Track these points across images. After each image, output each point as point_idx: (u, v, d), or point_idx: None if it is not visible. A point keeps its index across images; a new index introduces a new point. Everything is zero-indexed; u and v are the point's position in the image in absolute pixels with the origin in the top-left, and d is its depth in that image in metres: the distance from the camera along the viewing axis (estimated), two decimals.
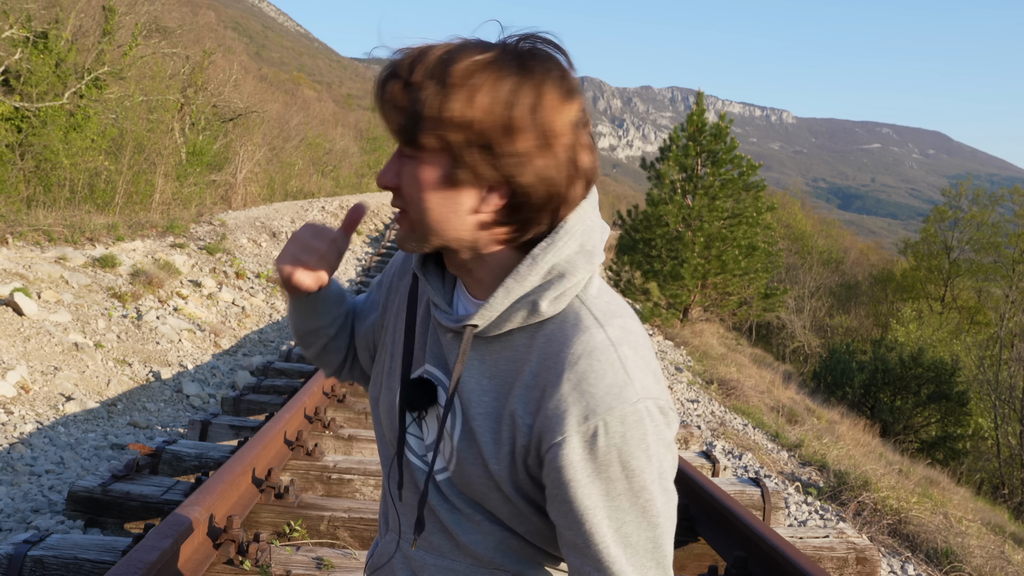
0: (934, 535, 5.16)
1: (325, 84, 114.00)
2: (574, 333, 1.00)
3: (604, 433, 0.96)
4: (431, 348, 1.14)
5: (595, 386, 0.96)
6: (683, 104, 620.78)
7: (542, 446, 0.99)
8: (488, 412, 1.05)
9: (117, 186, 17.42)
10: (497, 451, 1.04)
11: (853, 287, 43.74)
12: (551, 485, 1.00)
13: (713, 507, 3.28)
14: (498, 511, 1.09)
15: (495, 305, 1.02)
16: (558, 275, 1.02)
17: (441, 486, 1.13)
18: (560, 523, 1.01)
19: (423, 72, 0.94)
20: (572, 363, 0.98)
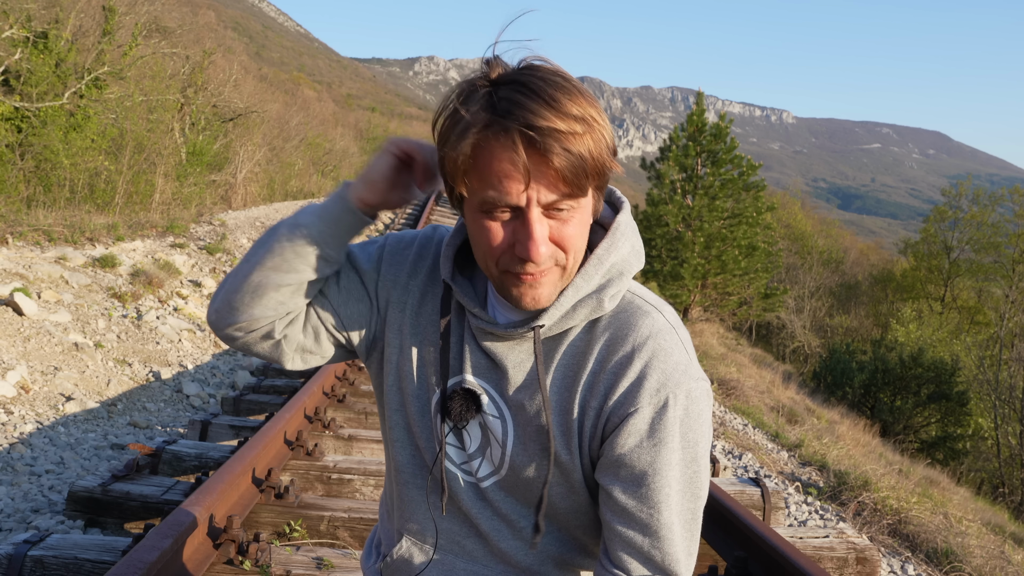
0: (934, 535, 5.16)
1: (325, 84, 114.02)
2: (638, 317, 1.09)
3: (673, 404, 1.05)
4: (471, 358, 1.15)
5: (665, 362, 1.06)
6: (683, 104, 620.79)
7: (611, 421, 1.07)
8: (556, 407, 1.10)
9: (117, 186, 17.42)
10: (567, 442, 1.10)
11: (853, 287, 43.73)
12: (612, 452, 1.07)
13: (713, 507, 3.27)
14: (558, 506, 1.14)
15: (563, 304, 1.07)
16: (617, 273, 1.10)
17: (486, 492, 1.16)
18: (614, 488, 1.07)
19: (573, 132, 0.97)
20: (642, 343, 1.07)
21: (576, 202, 1.01)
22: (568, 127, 0.96)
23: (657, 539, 1.06)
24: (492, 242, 1.03)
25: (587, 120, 0.98)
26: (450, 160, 1.01)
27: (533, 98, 0.96)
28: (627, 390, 1.05)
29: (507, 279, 1.05)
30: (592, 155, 0.99)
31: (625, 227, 1.11)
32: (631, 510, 1.06)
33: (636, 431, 1.05)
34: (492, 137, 0.97)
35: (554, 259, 1.03)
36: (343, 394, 5.22)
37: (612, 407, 1.06)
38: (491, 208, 1.01)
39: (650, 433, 1.04)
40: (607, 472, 1.08)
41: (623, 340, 1.07)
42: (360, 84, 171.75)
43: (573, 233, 1.03)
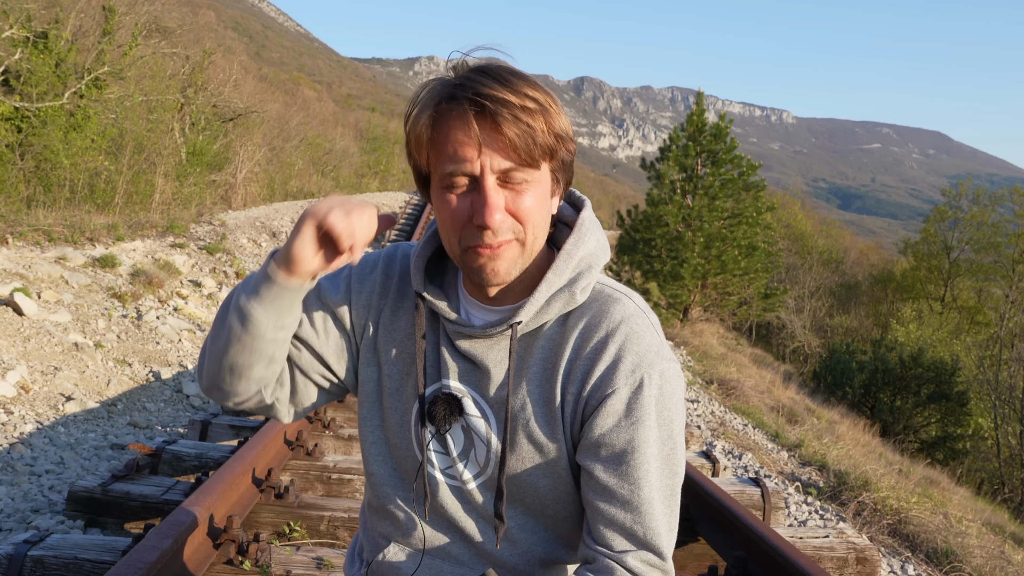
0: (934, 535, 5.16)
1: (325, 84, 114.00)
2: (610, 304, 1.14)
3: (648, 384, 1.09)
4: (446, 364, 1.18)
5: (639, 344, 1.11)
6: (683, 104, 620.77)
7: (590, 404, 1.11)
8: (537, 399, 1.14)
9: (117, 186, 17.42)
10: (552, 432, 1.14)
11: (853, 287, 43.72)
12: (591, 433, 1.11)
13: (713, 507, 3.27)
14: (546, 498, 1.17)
15: (538, 299, 1.11)
16: (586, 266, 1.14)
17: (471, 494, 1.19)
18: (595, 467, 1.11)
19: (524, 106, 1.03)
20: (615, 328, 1.12)
21: (529, 174, 1.06)
22: (519, 101, 1.02)
23: (639, 514, 1.09)
24: (453, 216, 1.07)
25: (540, 101, 1.04)
26: (414, 139, 1.09)
27: (486, 76, 1.04)
28: (604, 373, 1.10)
29: (468, 256, 1.09)
30: (543, 130, 1.04)
31: (589, 223, 1.17)
32: (612, 487, 1.10)
33: (614, 411, 1.09)
34: (446, 110, 1.05)
35: (512, 232, 1.07)
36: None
37: (591, 390, 1.11)
38: (450, 181, 1.06)
39: (627, 412, 1.09)
40: (588, 452, 1.12)
41: (597, 326, 1.12)
42: (360, 84, 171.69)
43: (529, 206, 1.07)
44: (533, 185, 1.07)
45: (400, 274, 1.25)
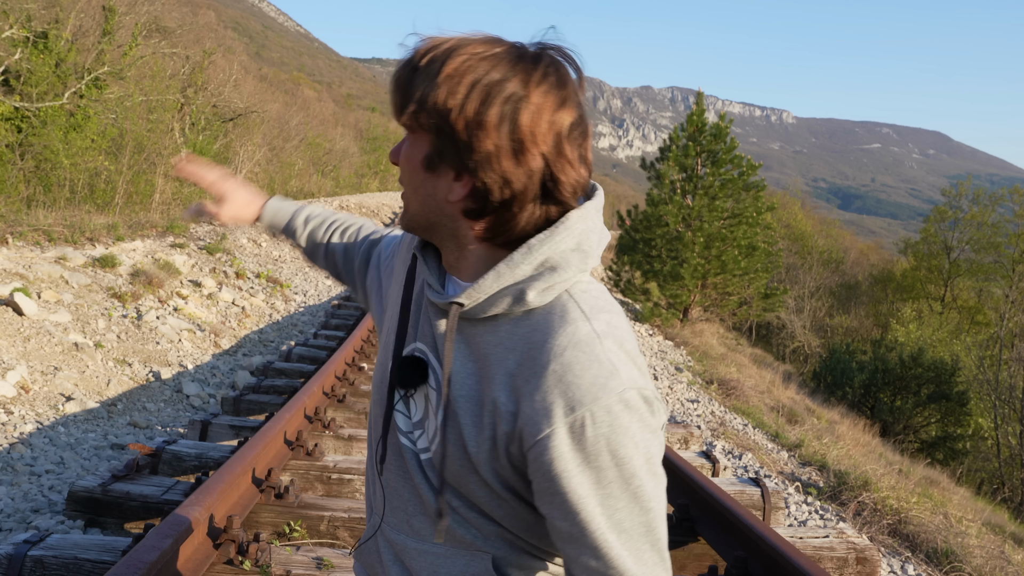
0: (934, 535, 5.16)
1: (325, 84, 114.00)
2: (560, 324, 1.00)
3: (592, 423, 0.96)
4: (422, 327, 1.14)
5: (580, 377, 0.97)
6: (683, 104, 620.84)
7: (527, 440, 0.99)
8: (470, 395, 1.04)
9: (117, 186, 17.43)
10: (477, 435, 1.03)
11: (853, 287, 43.73)
12: (541, 478, 1.00)
13: (713, 507, 3.27)
14: (475, 496, 1.08)
15: (484, 287, 1.02)
16: (550, 268, 1.02)
17: (424, 466, 1.12)
18: (553, 515, 1.01)
19: (428, 59, 1.00)
20: (558, 354, 0.98)
21: (408, 130, 1.05)
22: (419, 57, 1.02)
23: (607, 560, 0.99)
24: None
25: (447, 68, 0.99)
26: None
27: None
28: (539, 406, 0.98)
29: None
30: (419, 92, 1.00)
31: (575, 222, 1.03)
32: (576, 536, 1.00)
33: (559, 455, 0.97)
34: None
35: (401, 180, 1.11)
36: (343, 394, 5.22)
37: (525, 419, 0.99)
38: None
39: (574, 456, 0.97)
40: (543, 500, 1.02)
41: (541, 347, 1.00)
42: (360, 84, 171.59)
43: (402, 161, 1.07)
44: (410, 145, 1.07)
45: (410, 239, 1.26)
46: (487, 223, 1.04)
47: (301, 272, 13.55)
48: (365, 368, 6.39)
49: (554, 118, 0.99)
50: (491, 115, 0.97)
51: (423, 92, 0.99)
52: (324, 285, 12.99)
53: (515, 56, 1.00)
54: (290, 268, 13.59)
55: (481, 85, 0.97)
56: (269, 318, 10.10)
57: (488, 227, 1.04)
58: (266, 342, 8.95)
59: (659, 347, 13.68)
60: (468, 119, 0.97)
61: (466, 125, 0.98)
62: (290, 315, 10.50)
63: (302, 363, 6.95)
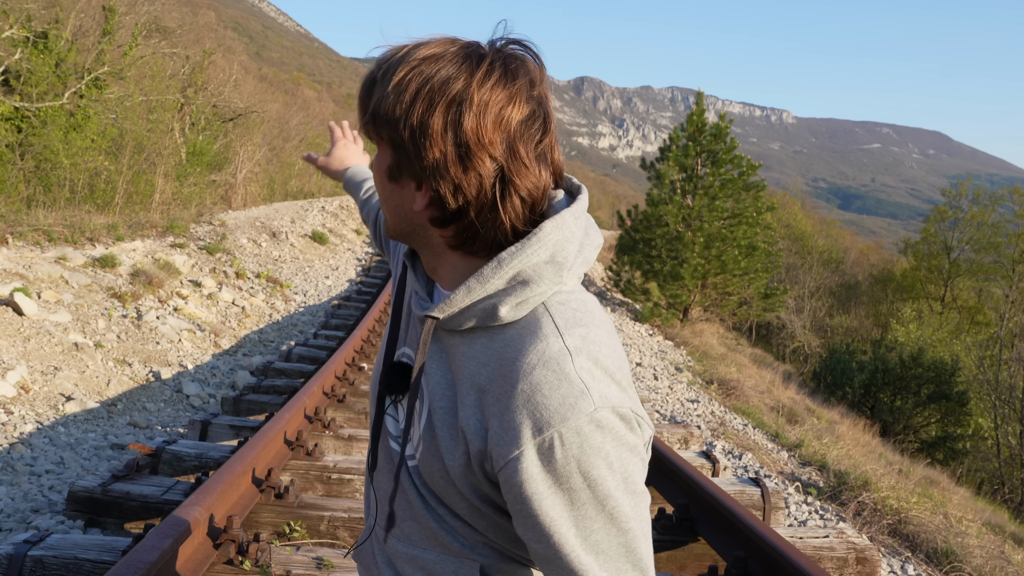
0: (934, 535, 5.16)
1: (325, 84, 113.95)
2: (531, 341, 0.96)
3: (560, 445, 0.92)
4: (411, 332, 1.15)
5: (548, 397, 0.93)
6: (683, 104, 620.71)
7: (496, 460, 0.96)
8: (448, 407, 1.02)
9: (117, 186, 17.43)
10: (454, 448, 1.01)
11: (853, 287, 43.73)
12: (512, 500, 0.97)
13: (713, 507, 3.27)
14: (456, 507, 1.05)
15: (455, 302, 0.99)
16: (521, 282, 0.98)
17: (412, 473, 1.09)
18: (528, 537, 0.98)
19: (384, 68, 1.00)
20: (526, 373, 0.94)
21: (374, 142, 1.04)
22: (384, 69, 1.00)
23: None
24: None
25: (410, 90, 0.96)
26: None
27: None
28: (507, 427, 0.94)
29: None
30: (385, 106, 0.98)
31: (548, 232, 0.97)
32: (551, 558, 0.96)
33: (529, 476, 0.94)
34: None
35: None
36: (343, 394, 5.22)
37: (494, 441, 0.96)
38: None
39: (544, 478, 0.94)
40: (517, 522, 0.98)
41: (511, 364, 0.96)
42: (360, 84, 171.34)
43: (373, 173, 1.07)
44: (378, 156, 1.06)
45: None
46: (453, 231, 1.00)
47: (301, 272, 13.55)
48: (365, 368, 6.39)
49: (501, 116, 0.94)
50: (435, 122, 0.94)
51: (376, 103, 0.98)
52: (324, 285, 12.99)
53: (463, 56, 0.96)
54: (290, 268, 13.58)
55: (425, 91, 0.94)
56: (269, 318, 10.10)
57: (455, 235, 1.01)
58: (266, 342, 8.95)
59: (659, 347, 13.68)
60: (414, 128, 0.95)
61: (412, 134, 0.95)
62: (290, 315, 10.50)
63: (302, 363, 6.95)
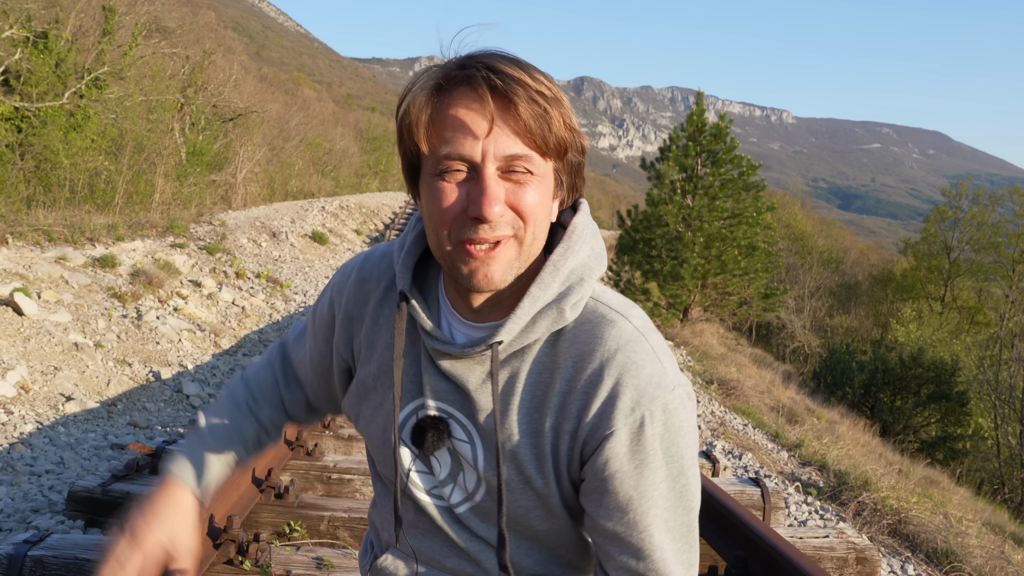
0: (934, 535, 5.16)
1: (325, 84, 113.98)
2: (604, 328, 1.01)
3: (650, 422, 0.97)
4: (430, 382, 1.08)
5: (637, 377, 0.98)
6: (683, 104, 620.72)
7: (588, 445, 1.00)
8: (525, 430, 1.03)
9: (117, 186, 17.42)
10: (540, 466, 1.03)
11: (853, 287, 43.73)
12: (593, 477, 1.00)
13: (713, 507, 3.27)
14: (538, 528, 1.07)
15: (521, 316, 0.99)
16: (577, 280, 1.02)
17: (462, 518, 1.10)
18: (600, 514, 1.01)
19: (539, 90, 0.95)
20: (610, 357, 0.99)
21: (536, 165, 0.96)
22: (535, 84, 0.94)
23: (651, 561, 1.00)
24: (444, 204, 0.96)
25: (554, 91, 0.96)
26: (412, 118, 0.97)
27: (499, 55, 0.96)
28: (600, 411, 0.98)
29: (458, 255, 0.98)
30: (559, 119, 0.96)
31: (583, 229, 1.04)
32: (621, 535, 1.00)
33: (615, 455, 0.98)
34: (456, 80, 0.95)
35: (512, 227, 0.96)
36: None
37: (587, 430, 0.99)
38: (445, 166, 0.96)
39: (630, 456, 0.98)
40: (591, 499, 1.02)
41: (590, 355, 0.99)
42: (360, 84, 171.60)
43: (532, 201, 0.96)
44: (537, 180, 0.97)
45: (378, 278, 1.16)
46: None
47: (301, 272, 13.55)
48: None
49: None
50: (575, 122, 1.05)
51: (566, 118, 1.03)
52: (324, 285, 13.00)
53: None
54: (290, 268, 13.58)
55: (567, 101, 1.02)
56: (269, 318, 10.11)
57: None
58: (266, 342, 8.95)
59: None
60: (580, 130, 1.04)
61: (580, 137, 1.05)
62: (290, 315, 10.50)
63: None
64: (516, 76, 0.93)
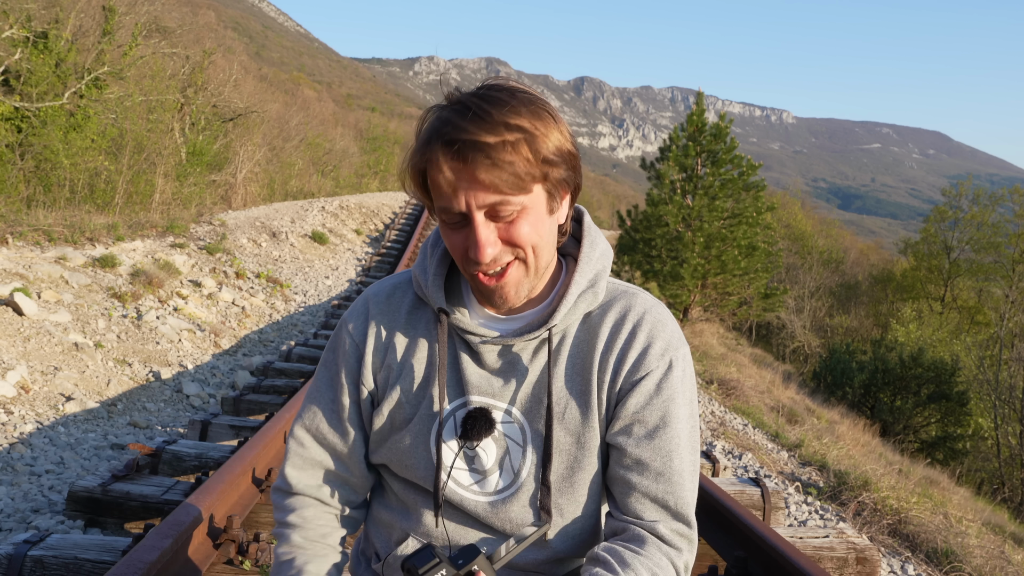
0: (934, 535, 5.16)
1: (325, 84, 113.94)
2: (630, 299, 1.24)
3: (676, 365, 1.21)
4: (471, 379, 1.22)
5: (664, 331, 1.22)
6: (683, 104, 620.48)
7: (624, 387, 1.20)
8: (574, 390, 1.21)
9: (117, 186, 17.41)
10: (587, 421, 1.21)
11: (853, 287, 43.69)
12: (627, 414, 1.19)
13: (713, 507, 3.27)
14: (591, 490, 1.23)
15: (568, 301, 1.19)
16: (602, 268, 1.24)
17: (499, 508, 1.22)
18: (629, 444, 1.19)
19: (502, 141, 1.06)
20: (642, 317, 1.22)
21: (518, 203, 1.08)
22: (497, 138, 1.04)
23: (670, 484, 1.17)
24: (454, 247, 1.14)
25: (524, 128, 1.06)
26: (410, 174, 1.15)
27: (462, 115, 1.06)
28: (637, 358, 1.19)
29: (475, 281, 1.17)
30: (527, 160, 1.06)
31: (595, 229, 1.27)
32: (645, 460, 1.17)
33: (647, 391, 1.18)
34: (429, 153, 1.09)
35: (512, 254, 1.13)
36: None
37: (626, 375, 1.19)
38: (444, 217, 1.13)
39: (658, 391, 1.19)
40: (621, 430, 1.20)
41: (624, 319, 1.22)
42: (360, 84, 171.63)
43: (525, 231, 1.11)
44: (526, 211, 1.10)
45: (395, 309, 1.29)
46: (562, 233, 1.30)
47: (301, 272, 13.54)
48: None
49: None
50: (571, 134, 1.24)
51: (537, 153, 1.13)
52: (324, 285, 12.99)
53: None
54: (290, 268, 13.58)
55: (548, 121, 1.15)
56: (269, 318, 10.10)
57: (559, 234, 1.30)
58: (266, 342, 8.95)
59: None
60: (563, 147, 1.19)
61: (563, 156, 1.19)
62: (290, 315, 10.50)
63: (302, 363, 6.95)
64: (474, 140, 1.05)
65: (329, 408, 1.30)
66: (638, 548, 1.15)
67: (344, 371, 1.29)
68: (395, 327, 1.27)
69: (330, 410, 1.30)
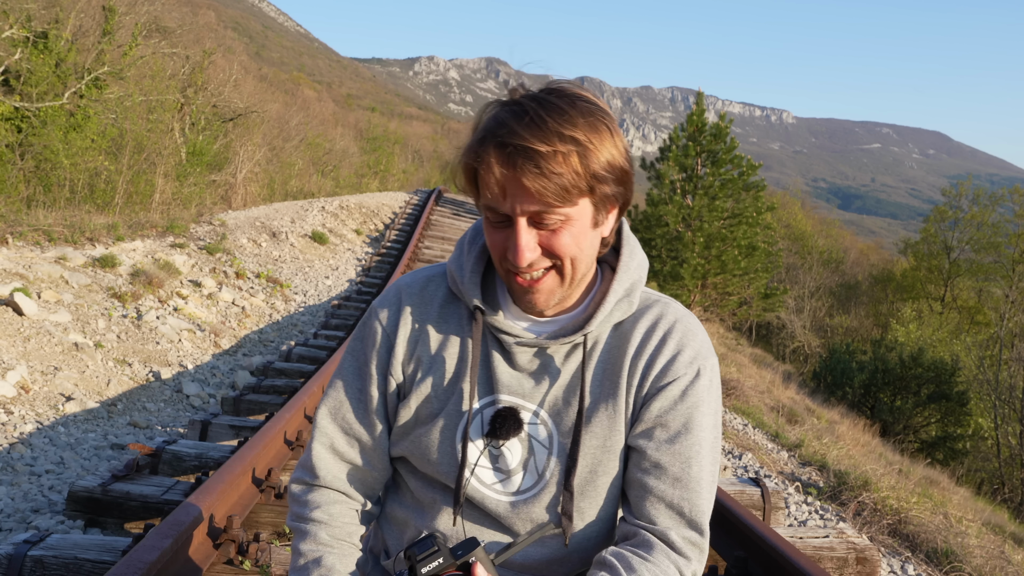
0: (934, 535, 5.16)
1: (325, 84, 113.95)
2: (662, 307, 1.25)
3: (704, 373, 1.21)
4: (502, 379, 1.22)
5: (694, 340, 1.23)
6: (683, 104, 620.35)
7: (651, 390, 1.20)
8: (604, 393, 1.21)
9: (117, 186, 17.41)
10: (614, 424, 1.21)
11: (853, 287, 43.69)
12: (651, 417, 1.19)
13: (713, 507, 3.27)
14: (611, 493, 1.23)
15: (606, 308, 1.20)
16: (638, 278, 1.24)
17: (521, 508, 1.22)
18: (649, 447, 1.19)
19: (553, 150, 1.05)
20: (673, 326, 1.23)
21: (563, 213, 1.09)
22: (549, 147, 1.04)
23: (687, 491, 1.16)
24: (494, 245, 1.15)
25: (577, 140, 1.05)
26: (462, 168, 1.15)
27: (520, 119, 1.06)
28: (666, 364, 1.20)
29: (510, 281, 1.18)
30: (576, 173, 1.06)
31: (633, 239, 1.27)
32: (664, 464, 1.17)
33: (672, 396, 1.19)
34: (482, 152, 1.09)
35: (550, 262, 1.13)
36: None
37: (654, 379, 1.20)
38: (488, 215, 1.13)
39: (684, 397, 1.19)
40: (643, 433, 1.20)
41: (656, 326, 1.23)
42: (360, 84, 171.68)
43: (566, 242, 1.11)
44: (569, 222, 1.10)
45: (429, 300, 1.28)
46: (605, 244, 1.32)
47: (301, 272, 13.54)
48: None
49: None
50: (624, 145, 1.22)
51: (587, 167, 1.13)
52: (324, 285, 12.99)
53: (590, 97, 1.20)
54: (290, 268, 13.58)
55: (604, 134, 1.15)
56: (269, 318, 10.10)
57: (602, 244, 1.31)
58: (266, 342, 8.95)
59: None
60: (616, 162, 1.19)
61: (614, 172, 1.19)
62: (290, 315, 10.50)
63: (302, 363, 6.95)
64: (528, 147, 1.04)
65: (356, 398, 1.29)
66: (646, 554, 1.15)
67: (374, 361, 1.28)
68: (427, 320, 1.26)
69: (357, 400, 1.29)
